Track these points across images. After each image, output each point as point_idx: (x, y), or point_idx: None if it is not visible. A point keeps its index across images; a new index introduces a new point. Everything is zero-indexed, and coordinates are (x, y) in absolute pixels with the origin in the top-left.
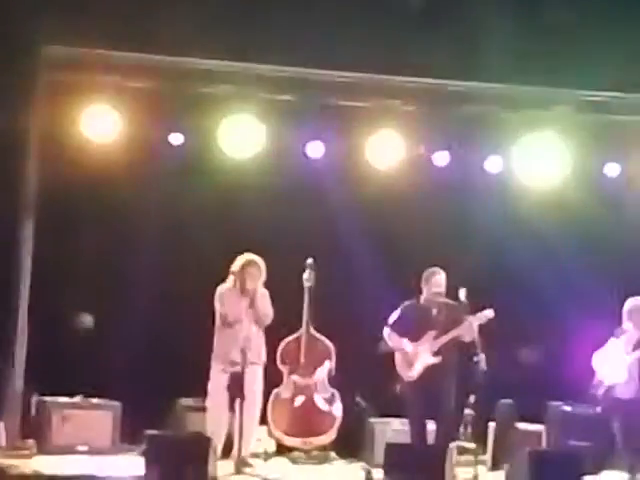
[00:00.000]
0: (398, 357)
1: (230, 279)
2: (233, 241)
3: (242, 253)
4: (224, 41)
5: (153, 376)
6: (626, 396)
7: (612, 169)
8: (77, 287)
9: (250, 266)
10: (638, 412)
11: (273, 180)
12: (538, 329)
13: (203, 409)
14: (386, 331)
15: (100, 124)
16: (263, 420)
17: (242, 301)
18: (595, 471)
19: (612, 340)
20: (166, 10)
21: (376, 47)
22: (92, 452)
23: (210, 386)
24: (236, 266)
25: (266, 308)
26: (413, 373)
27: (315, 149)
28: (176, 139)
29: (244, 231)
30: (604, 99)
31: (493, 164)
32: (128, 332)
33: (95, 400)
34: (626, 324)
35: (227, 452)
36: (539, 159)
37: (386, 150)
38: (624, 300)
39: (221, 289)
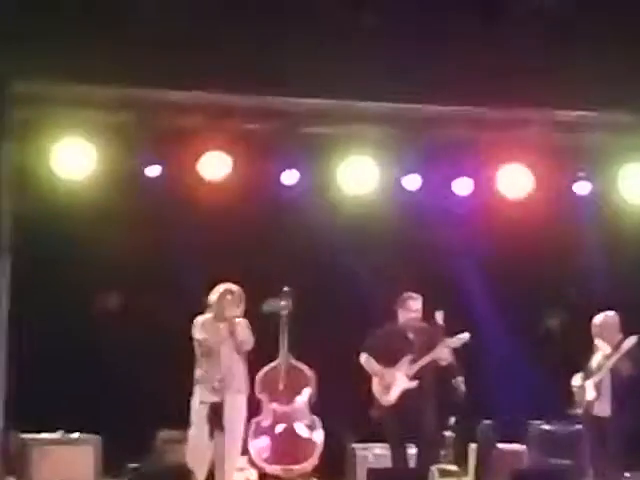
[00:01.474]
0: (375, 382)
1: (208, 309)
2: (212, 270)
3: (221, 282)
4: (193, 72)
5: (135, 408)
6: (601, 414)
7: (581, 187)
8: (56, 323)
9: (227, 295)
10: (610, 429)
11: (249, 209)
12: (515, 348)
13: (183, 441)
14: (363, 356)
15: (73, 159)
16: (246, 450)
17: (221, 330)
18: None
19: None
20: (134, 41)
21: (347, 73)
22: None
23: (192, 417)
24: (214, 295)
25: (245, 336)
26: (391, 398)
27: (289, 177)
28: (152, 171)
29: (222, 261)
30: (574, 118)
31: (464, 186)
32: (109, 365)
33: (75, 435)
34: (596, 341)
35: None
36: (509, 178)
37: (359, 176)
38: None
39: (199, 319)
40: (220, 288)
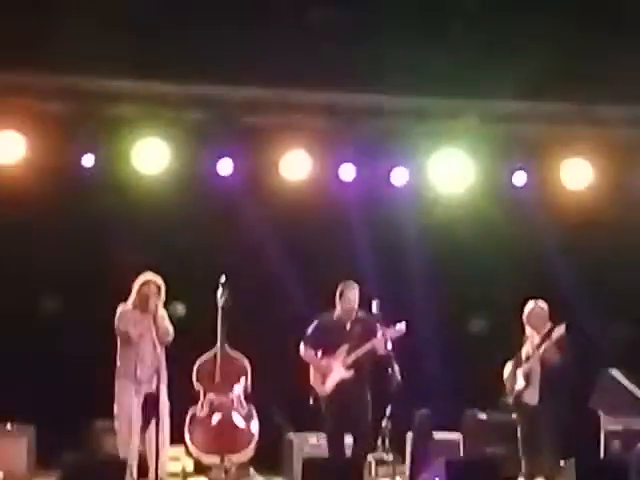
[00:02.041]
0: (312, 371)
1: (130, 298)
2: (148, 262)
3: (159, 274)
4: (129, 61)
5: (69, 398)
6: (531, 402)
7: (519, 178)
8: None
9: (150, 285)
10: (540, 418)
11: (185, 199)
12: (450, 337)
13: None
14: (301, 346)
15: (5, 148)
16: (173, 439)
17: (144, 320)
18: (512, 477)
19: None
20: (67, 29)
21: (281, 63)
22: (8, 479)
23: (118, 407)
24: (136, 285)
25: (166, 327)
26: (327, 387)
27: (224, 166)
28: (87, 161)
29: (156, 250)
30: (509, 109)
31: (400, 176)
32: (39, 354)
33: (8, 426)
34: (527, 329)
35: (142, 474)
36: (446, 170)
37: (294, 166)
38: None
39: (122, 308)
40: (143, 278)
